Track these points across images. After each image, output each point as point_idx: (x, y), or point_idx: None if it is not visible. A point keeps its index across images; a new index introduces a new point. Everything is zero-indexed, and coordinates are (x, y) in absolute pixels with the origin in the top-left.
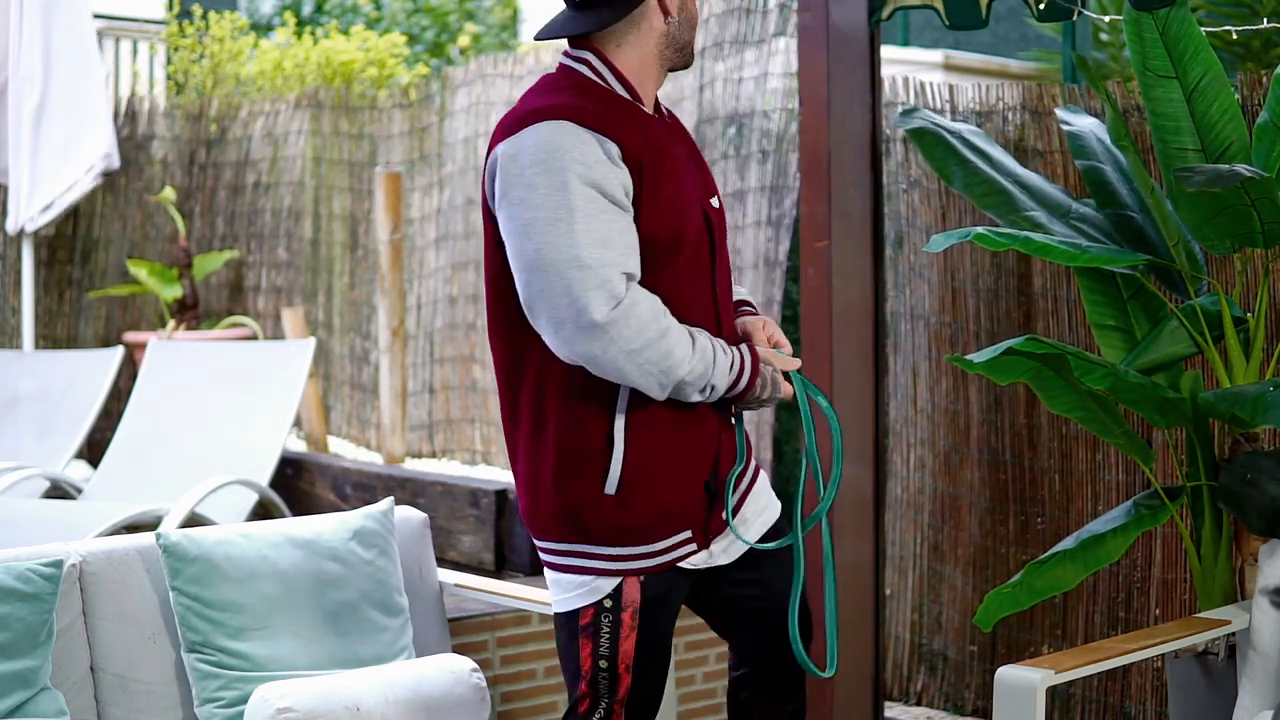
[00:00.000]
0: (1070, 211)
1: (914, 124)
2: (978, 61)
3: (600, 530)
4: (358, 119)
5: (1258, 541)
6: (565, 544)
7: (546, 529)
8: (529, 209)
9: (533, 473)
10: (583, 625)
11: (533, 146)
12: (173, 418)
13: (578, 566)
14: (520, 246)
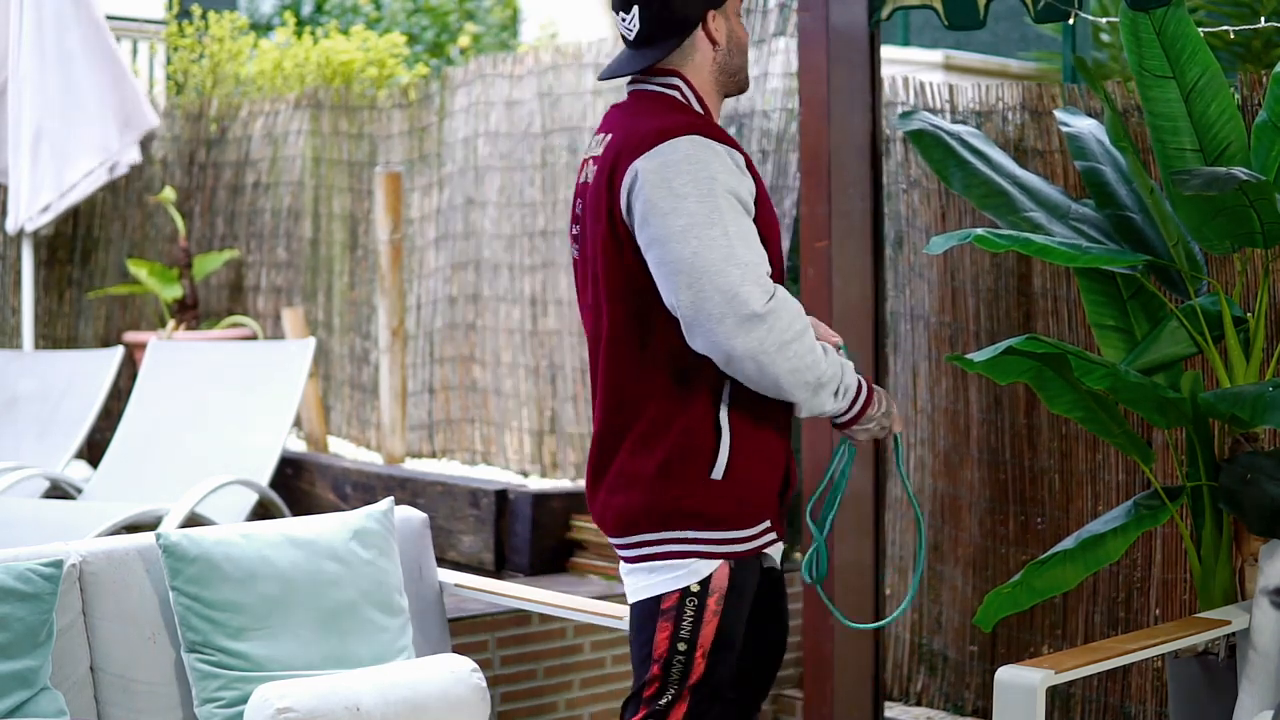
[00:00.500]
0: (1070, 212)
1: (913, 125)
2: (978, 61)
3: (705, 515)
4: (357, 119)
5: (1258, 541)
6: (666, 532)
7: (638, 522)
8: (682, 216)
9: (633, 469)
10: (664, 609)
11: (677, 160)
12: (173, 418)
13: (679, 552)
14: (677, 252)
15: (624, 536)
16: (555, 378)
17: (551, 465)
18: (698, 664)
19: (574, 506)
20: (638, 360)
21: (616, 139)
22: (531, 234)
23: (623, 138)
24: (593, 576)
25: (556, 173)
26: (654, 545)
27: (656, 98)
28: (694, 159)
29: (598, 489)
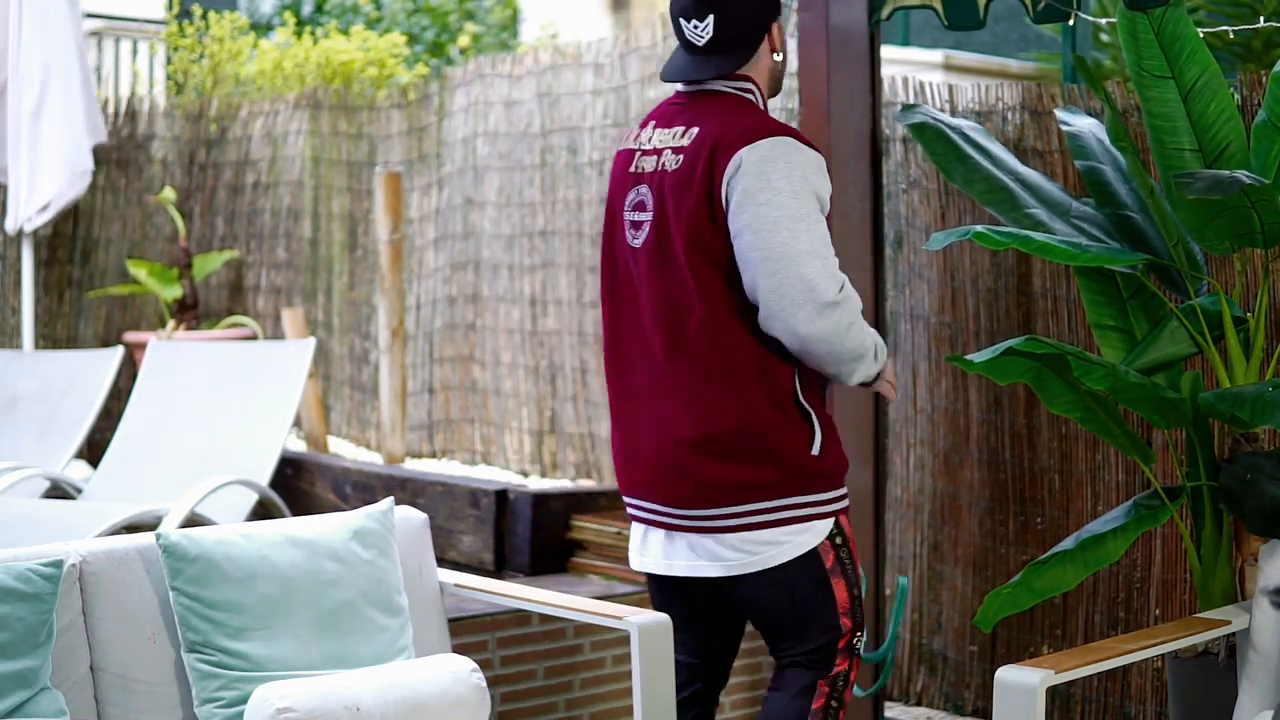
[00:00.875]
0: (1070, 210)
1: (915, 119)
2: (977, 62)
3: (817, 478)
4: (356, 119)
5: (1258, 542)
6: (782, 499)
7: (753, 493)
8: (776, 209)
9: (743, 447)
10: (829, 568)
11: (776, 156)
12: (173, 418)
13: (800, 516)
14: (768, 240)
15: (743, 504)
16: (555, 378)
17: (551, 465)
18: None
19: (574, 506)
20: (740, 343)
21: (709, 131)
22: (531, 234)
23: (718, 130)
24: (593, 576)
25: (556, 173)
26: (777, 511)
27: (736, 99)
28: (790, 158)
29: (702, 459)
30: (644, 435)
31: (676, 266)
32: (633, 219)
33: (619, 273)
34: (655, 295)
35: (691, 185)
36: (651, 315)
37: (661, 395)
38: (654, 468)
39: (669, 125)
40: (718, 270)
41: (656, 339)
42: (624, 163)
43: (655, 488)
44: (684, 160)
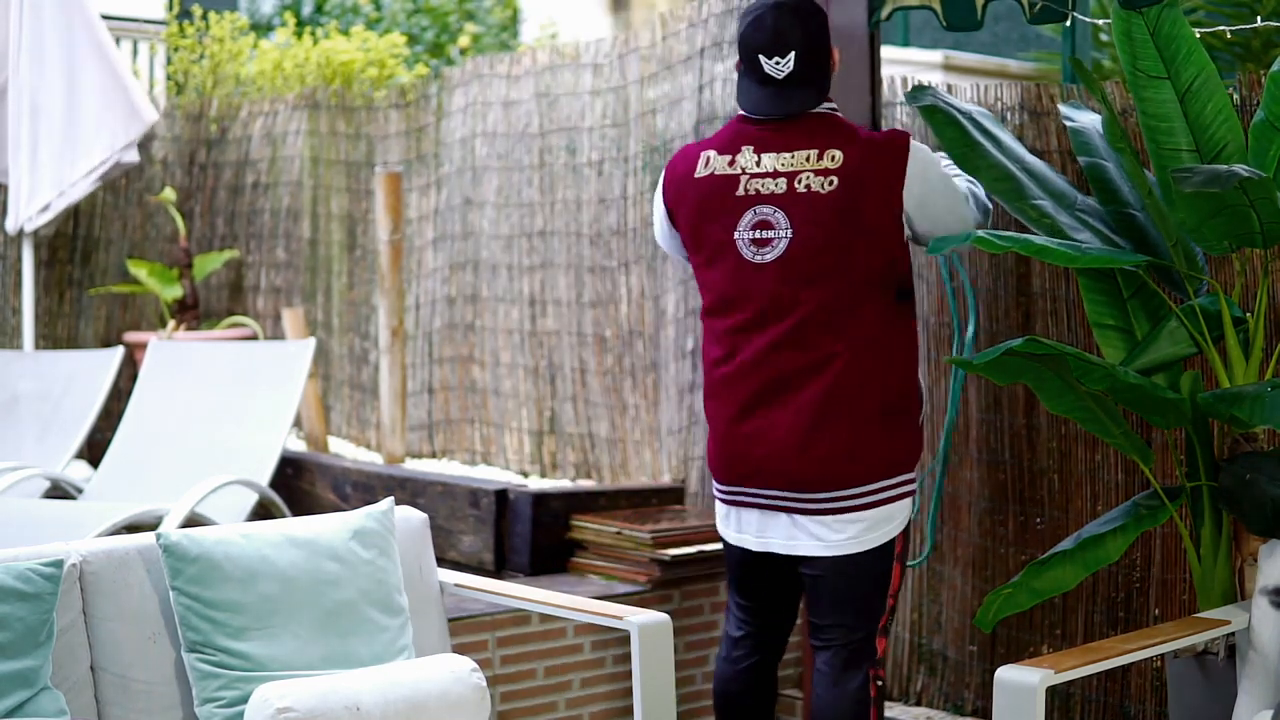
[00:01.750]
0: (1076, 202)
1: (925, 101)
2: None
3: (913, 459)
4: (355, 119)
5: (1257, 541)
6: (890, 479)
7: (873, 472)
8: (951, 178)
9: (865, 430)
10: (898, 554)
11: (927, 148)
12: (173, 418)
13: (904, 494)
14: (955, 190)
15: (854, 487)
16: (555, 378)
17: (551, 465)
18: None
19: (574, 506)
20: (864, 327)
21: (854, 154)
22: (530, 234)
23: (863, 149)
24: (593, 576)
25: (555, 173)
26: (886, 490)
27: (834, 119)
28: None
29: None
30: None
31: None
32: (756, 237)
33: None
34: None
35: (866, 197)
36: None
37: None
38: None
39: (780, 150)
40: (884, 273)
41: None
42: (723, 186)
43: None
44: (845, 179)
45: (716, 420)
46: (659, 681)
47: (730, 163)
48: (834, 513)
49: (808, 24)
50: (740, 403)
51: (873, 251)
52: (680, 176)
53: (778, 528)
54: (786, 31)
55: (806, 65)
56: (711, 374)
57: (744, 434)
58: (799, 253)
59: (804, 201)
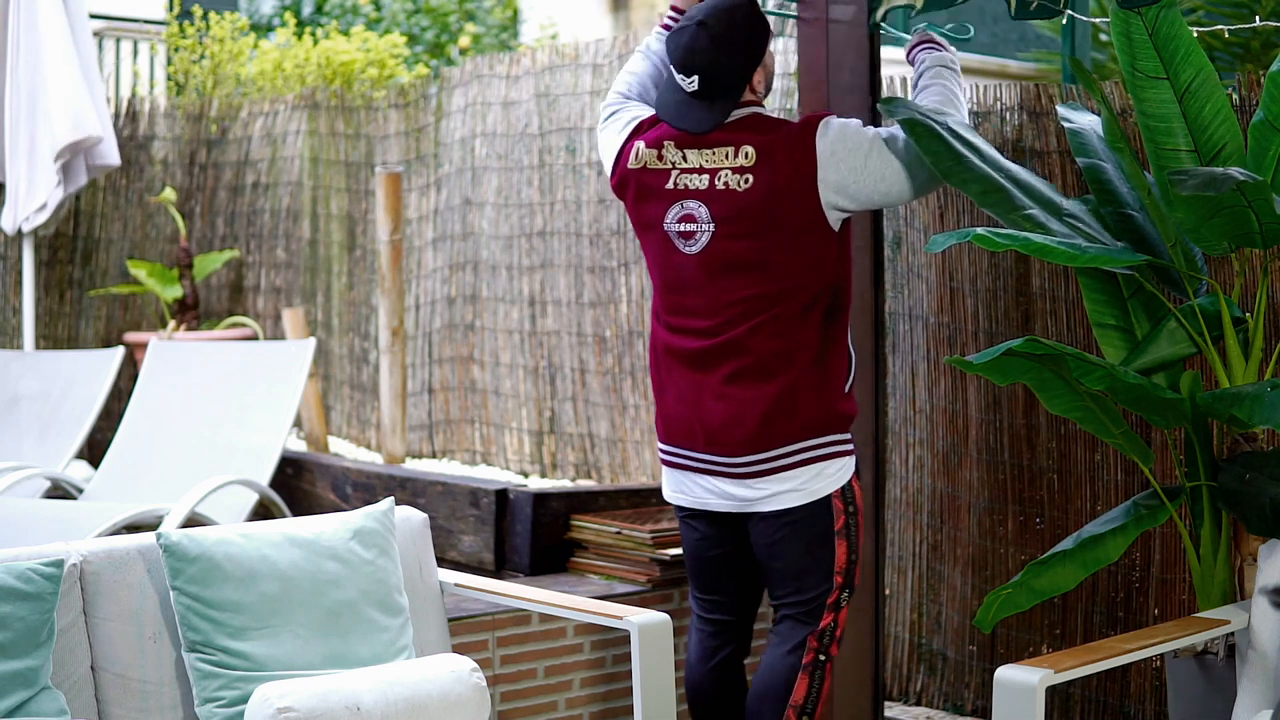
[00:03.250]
0: (1062, 209)
1: (901, 115)
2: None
3: (834, 425)
4: (354, 119)
5: (1257, 541)
6: (808, 440)
7: (811, 428)
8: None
9: (808, 387)
10: (839, 529)
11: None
12: (173, 418)
13: (827, 455)
14: (882, 157)
15: (795, 442)
16: (554, 378)
17: (551, 465)
18: (858, 573)
19: (574, 506)
20: (815, 302)
21: (765, 150)
22: (529, 234)
23: (773, 143)
24: (593, 576)
25: (554, 173)
26: (824, 446)
27: (756, 116)
28: (843, 121)
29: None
30: None
31: (765, 253)
32: (682, 230)
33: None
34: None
35: (783, 194)
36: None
37: None
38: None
39: (702, 146)
40: (816, 253)
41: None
42: (655, 178)
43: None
44: (760, 166)
45: (655, 387)
46: (659, 681)
47: (659, 156)
48: (756, 475)
49: (719, 52)
50: (678, 380)
51: (793, 250)
52: (621, 164)
53: (715, 489)
54: (698, 54)
55: (711, 87)
56: (654, 344)
57: (682, 404)
58: (718, 249)
59: (722, 198)
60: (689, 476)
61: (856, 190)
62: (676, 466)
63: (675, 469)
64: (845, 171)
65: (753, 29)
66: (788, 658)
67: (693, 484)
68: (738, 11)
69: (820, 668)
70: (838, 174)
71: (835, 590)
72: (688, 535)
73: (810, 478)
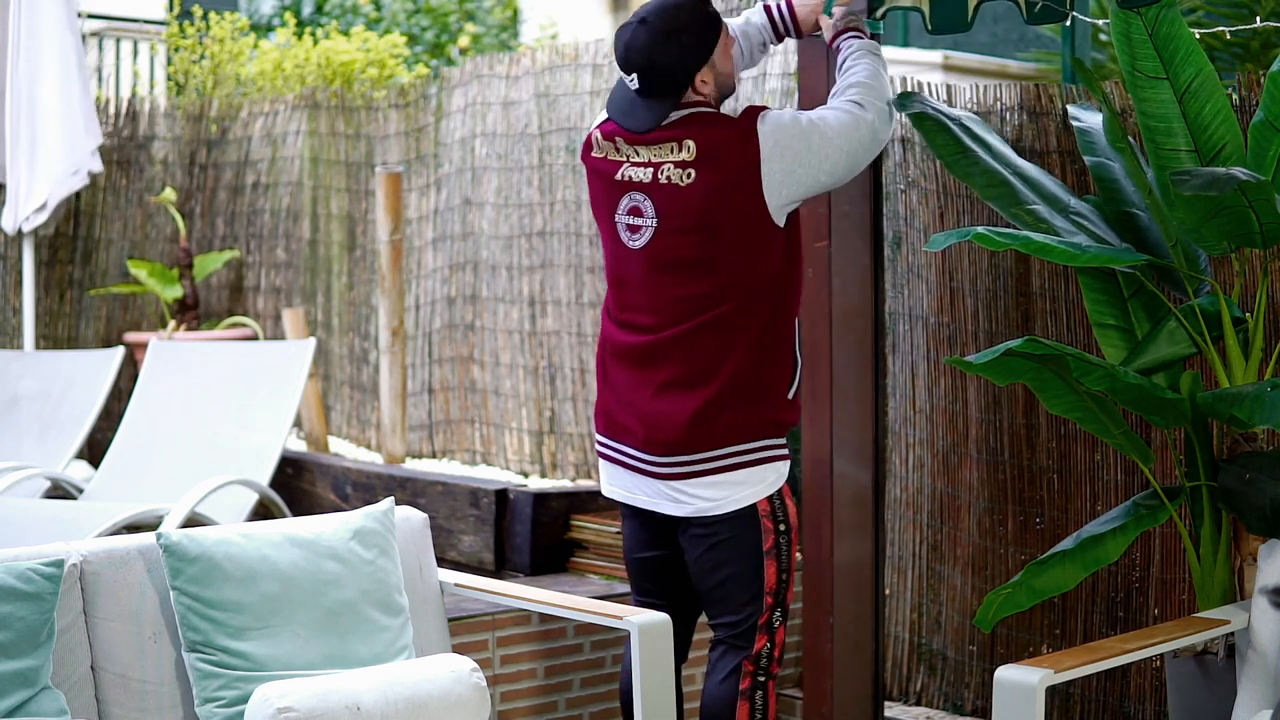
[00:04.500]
0: (1069, 206)
1: (914, 109)
2: (976, 62)
3: (768, 430)
4: (354, 119)
5: (1257, 541)
6: (739, 445)
7: (741, 433)
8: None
9: (743, 391)
10: (769, 549)
11: (781, 116)
12: (173, 418)
13: (771, 457)
14: (827, 146)
15: (727, 446)
16: (554, 378)
17: (551, 465)
18: (790, 589)
19: (574, 506)
20: (745, 307)
21: (706, 144)
22: (529, 234)
23: (715, 138)
24: (593, 576)
25: (554, 173)
26: (755, 451)
27: (700, 112)
28: (780, 116)
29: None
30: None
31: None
32: (630, 222)
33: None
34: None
35: (725, 190)
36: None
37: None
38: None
39: (649, 141)
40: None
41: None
42: (609, 168)
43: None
44: (696, 174)
45: (599, 380)
46: (659, 681)
47: (615, 148)
48: (682, 478)
49: (657, 51)
50: (618, 375)
51: (735, 247)
52: (586, 153)
53: (646, 488)
54: (636, 52)
55: (652, 86)
56: (601, 339)
57: (619, 400)
58: (661, 244)
59: (665, 192)
60: (624, 472)
61: (803, 175)
62: (612, 461)
63: (611, 463)
64: (790, 159)
65: (696, 29)
66: (722, 686)
67: (628, 479)
68: (681, 11)
69: (761, 689)
70: (783, 162)
71: (766, 611)
72: (624, 531)
73: (736, 484)
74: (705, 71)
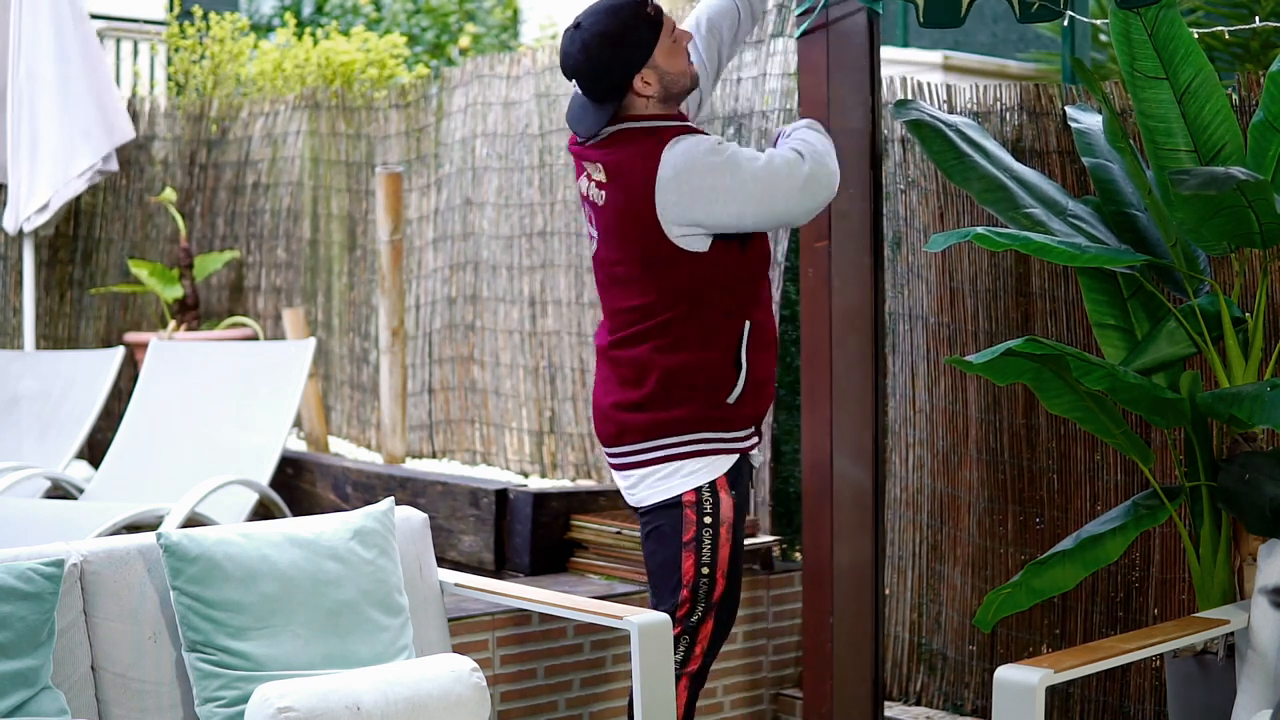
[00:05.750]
0: (1066, 209)
1: (910, 116)
2: (976, 62)
3: (717, 423)
4: (355, 119)
5: (1256, 541)
6: (685, 435)
7: (667, 429)
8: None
9: (672, 394)
10: (687, 540)
11: (680, 157)
12: (174, 418)
13: (700, 451)
14: (736, 182)
15: (652, 440)
16: (555, 378)
17: (551, 465)
18: (719, 584)
19: (574, 506)
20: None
21: (613, 166)
22: (530, 235)
23: (622, 160)
24: (593, 576)
25: (555, 173)
26: (685, 445)
27: (631, 130)
28: (688, 150)
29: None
30: None
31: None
32: (589, 232)
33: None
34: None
35: (628, 212)
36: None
37: None
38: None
39: (592, 158)
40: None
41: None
42: (578, 178)
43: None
44: (607, 195)
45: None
46: (659, 681)
47: (578, 158)
48: (621, 469)
49: (586, 56)
50: (596, 373)
51: (650, 266)
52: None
53: (617, 479)
54: (569, 58)
55: (590, 90)
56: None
57: (595, 398)
58: (599, 258)
59: (595, 210)
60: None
61: (700, 209)
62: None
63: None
64: (686, 189)
65: (630, 31)
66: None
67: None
68: (612, 15)
69: (688, 689)
70: (678, 191)
71: (684, 605)
72: None
73: (664, 476)
74: (646, 73)
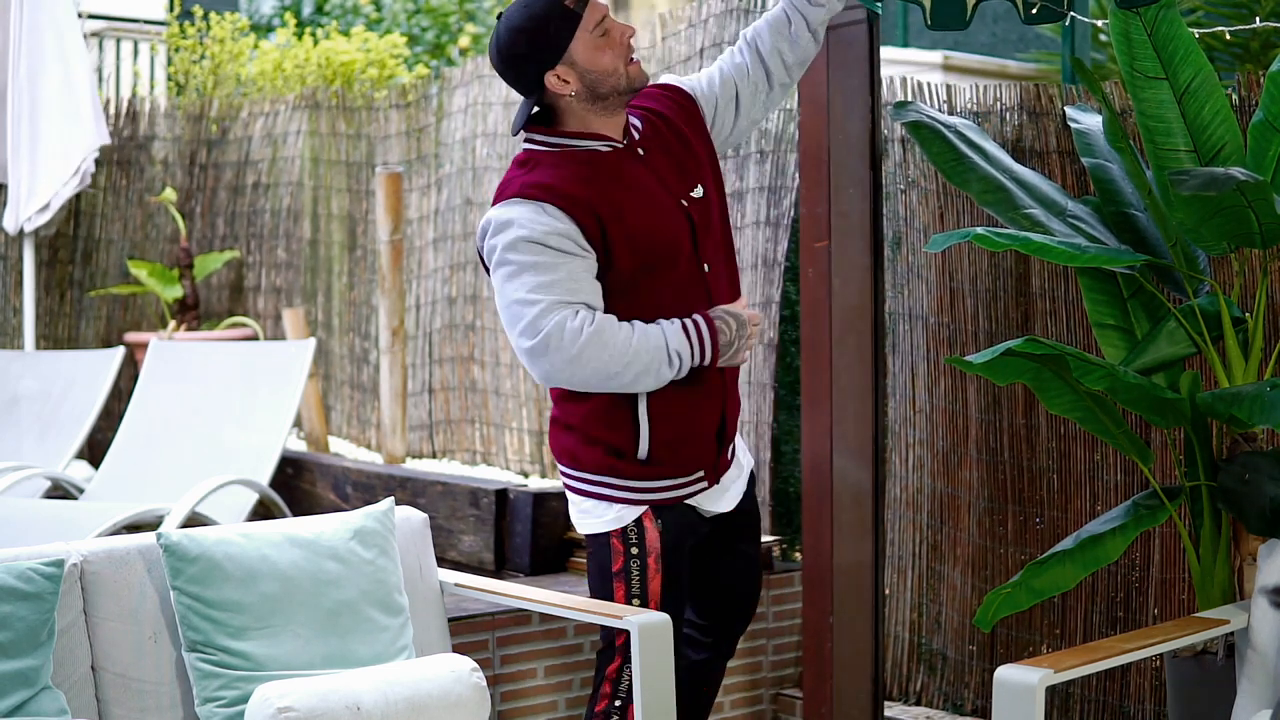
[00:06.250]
0: (1066, 210)
1: (909, 118)
2: (976, 62)
3: (624, 474)
4: (355, 119)
5: (1256, 541)
6: (575, 470)
7: (576, 460)
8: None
9: (581, 434)
10: (616, 570)
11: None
12: (174, 418)
13: (611, 496)
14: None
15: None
16: None
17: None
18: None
19: None
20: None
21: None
22: None
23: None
24: None
25: None
26: (592, 485)
27: (521, 154)
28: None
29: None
30: None
31: None
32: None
33: None
34: None
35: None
36: None
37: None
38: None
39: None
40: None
41: None
42: None
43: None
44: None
45: None
46: (659, 681)
47: None
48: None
49: (494, 45)
50: None
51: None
52: None
53: None
54: (491, 54)
55: (512, 85)
56: None
57: None
58: None
59: None
60: None
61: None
62: None
63: None
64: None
65: (543, 26)
66: (588, 702)
67: None
68: (524, 7)
69: (618, 714)
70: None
71: (622, 634)
72: None
73: (584, 511)
74: (562, 69)
